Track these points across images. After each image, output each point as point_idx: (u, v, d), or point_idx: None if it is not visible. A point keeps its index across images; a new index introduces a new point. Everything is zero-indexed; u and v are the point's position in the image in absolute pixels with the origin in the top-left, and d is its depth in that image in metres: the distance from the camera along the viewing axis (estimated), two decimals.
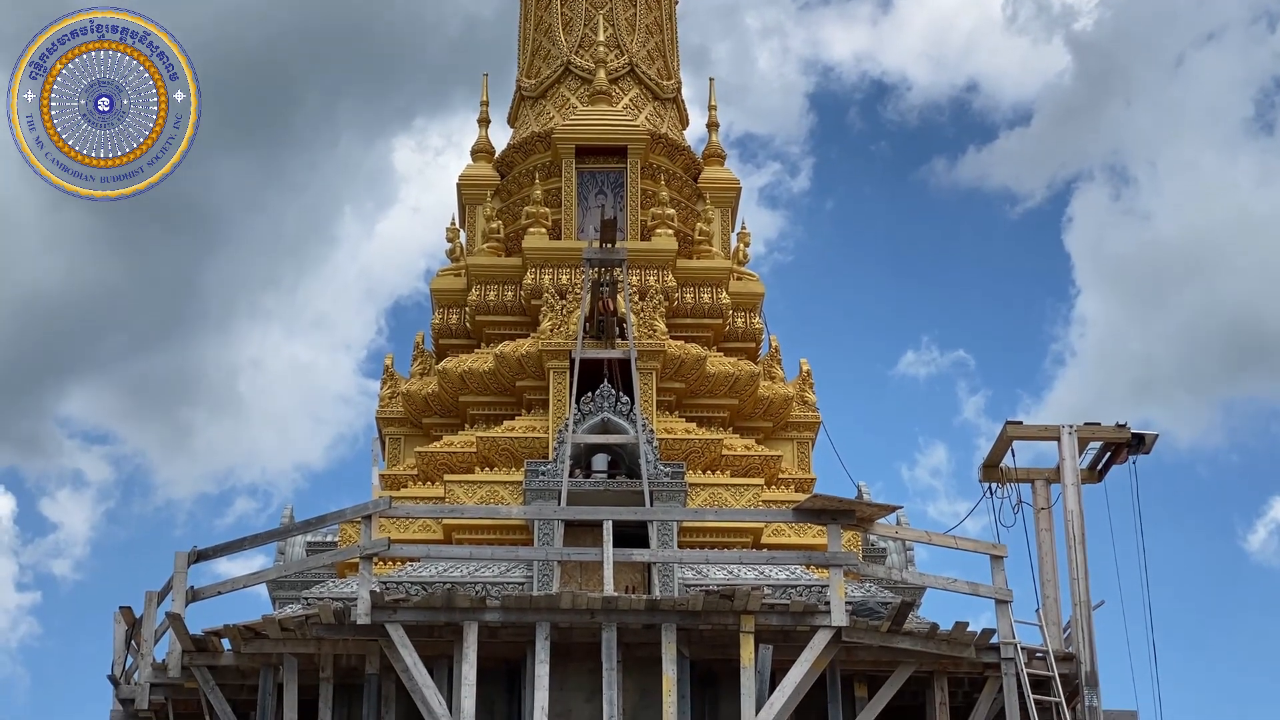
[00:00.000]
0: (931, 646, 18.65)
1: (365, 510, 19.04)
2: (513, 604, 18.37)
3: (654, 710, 18.37)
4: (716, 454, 22.63)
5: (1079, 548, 19.58)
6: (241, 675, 18.93)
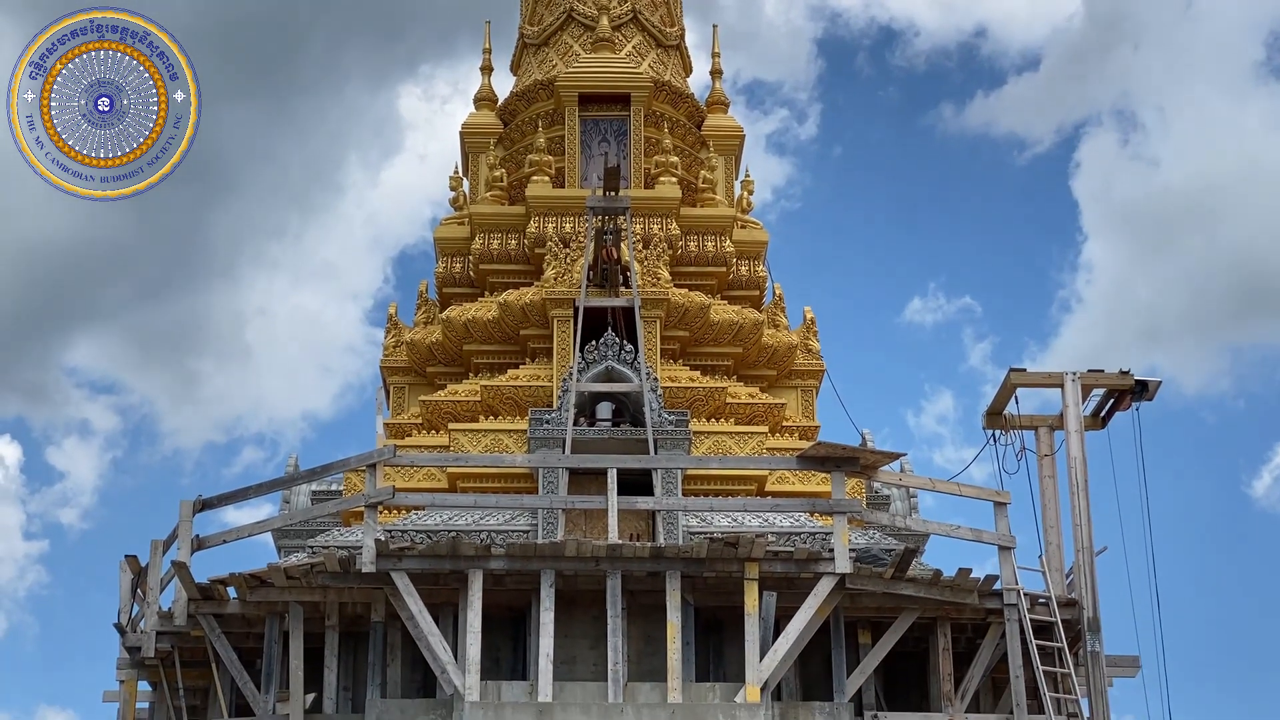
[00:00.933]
0: (935, 593, 18.70)
1: (370, 459, 19.08)
2: (517, 552, 18.42)
3: (658, 657, 18.45)
4: (720, 402, 22.64)
5: (1082, 494, 19.62)
6: (247, 623, 19.02)
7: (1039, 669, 18.42)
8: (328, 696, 18.59)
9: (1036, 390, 20.48)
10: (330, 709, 18.54)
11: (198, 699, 19.80)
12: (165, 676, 19.13)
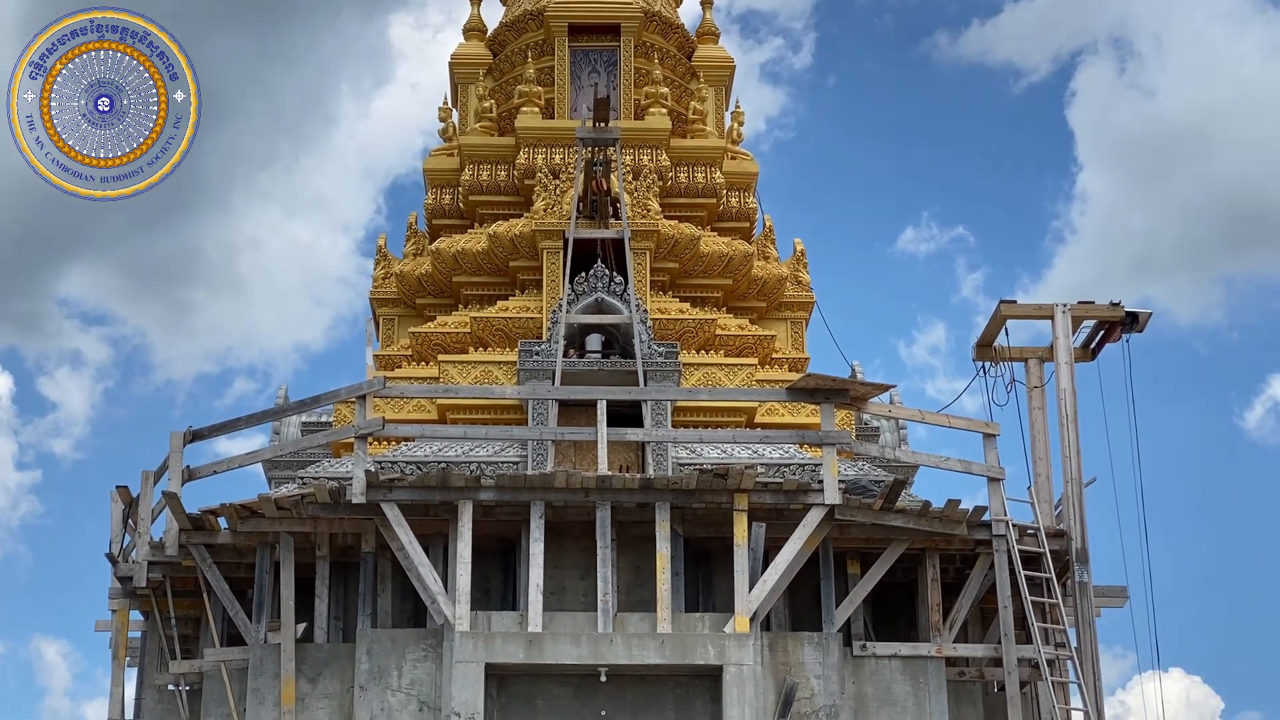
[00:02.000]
0: (924, 524, 18.77)
1: (360, 390, 19.08)
2: (507, 483, 18.45)
3: (648, 588, 18.52)
4: (710, 334, 22.64)
5: (1071, 426, 19.67)
6: (238, 554, 19.07)
7: (1027, 599, 18.52)
8: (318, 626, 18.66)
9: (1028, 322, 20.49)
10: (321, 638, 18.62)
11: (189, 628, 19.89)
12: (157, 606, 19.18)
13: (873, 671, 18.62)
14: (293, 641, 18.25)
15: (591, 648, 17.85)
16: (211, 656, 18.76)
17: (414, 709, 17.96)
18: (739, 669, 17.78)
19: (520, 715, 18.03)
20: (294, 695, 18.09)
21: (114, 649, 19.67)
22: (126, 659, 19.81)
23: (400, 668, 18.10)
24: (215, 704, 18.58)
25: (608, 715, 18.00)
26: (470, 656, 17.67)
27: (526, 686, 18.08)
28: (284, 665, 18.15)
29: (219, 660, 18.66)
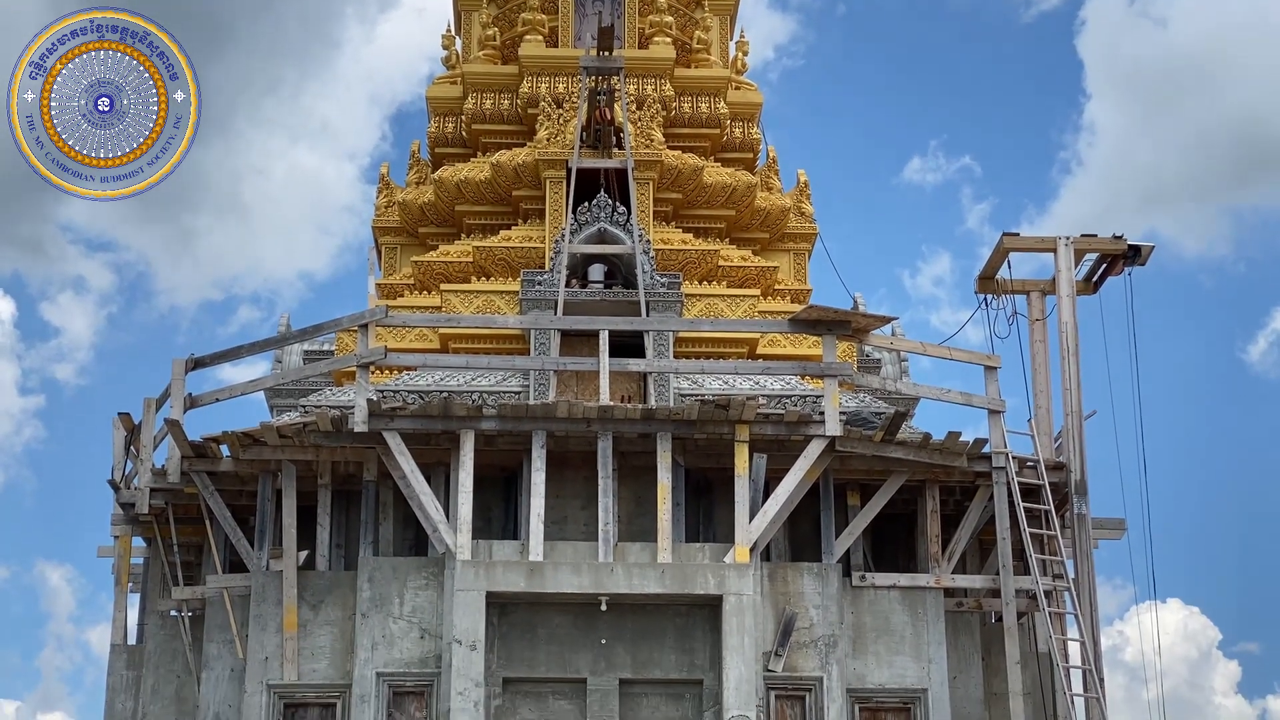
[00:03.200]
0: (924, 456, 18.82)
1: (362, 319, 19.08)
2: (509, 413, 18.49)
3: (649, 518, 18.59)
4: (713, 265, 22.61)
5: (1072, 358, 19.68)
6: (240, 481, 19.14)
7: (1025, 531, 18.60)
8: (320, 554, 18.76)
9: (1031, 254, 20.46)
10: (323, 566, 18.72)
11: (192, 555, 20.00)
12: (159, 533, 19.28)
13: (871, 602, 18.71)
14: (295, 569, 18.34)
15: (592, 577, 17.94)
16: (214, 583, 18.86)
17: (415, 636, 18.08)
18: (739, 599, 17.88)
19: (521, 643, 18.15)
20: (296, 622, 18.20)
21: (116, 575, 19.80)
22: (129, 585, 19.94)
23: (402, 595, 18.21)
24: (218, 630, 18.70)
25: (608, 644, 18.12)
26: (471, 585, 17.77)
27: (527, 615, 18.18)
28: (286, 592, 18.25)
29: (221, 587, 18.76)
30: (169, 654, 19.28)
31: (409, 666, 18.01)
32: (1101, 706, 18.19)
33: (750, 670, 17.72)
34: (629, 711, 18.14)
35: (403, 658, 18.02)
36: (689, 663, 18.21)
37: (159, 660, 19.30)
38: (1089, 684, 18.38)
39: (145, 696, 19.17)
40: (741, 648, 17.73)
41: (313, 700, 18.21)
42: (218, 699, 18.49)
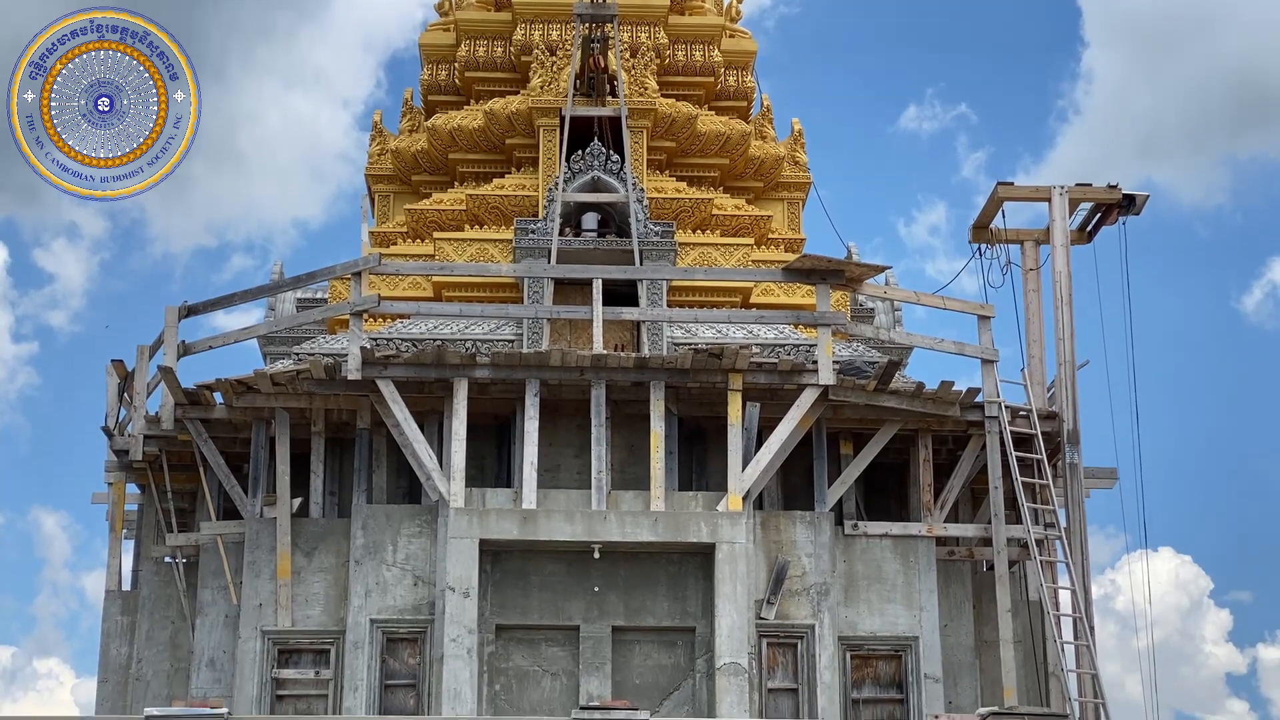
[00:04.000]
0: (917, 405, 18.85)
1: (355, 267, 19.06)
2: (503, 361, 18.50)
3: (642, 466, 18.63)
4: (706, 213, 22.58)
5: (1066, 308, 19.69)
6: (234, 429, 19.15)
7: (1018, 480, 18.65)
8: (314, 501, 18.79)
9: (1026, 204, 20.44)
10: (316, 513, 18.76)
11: (185, 502, 20.03)
12: (153, 480, 19.31)
13: (863, 550, 18.78)
14: (288, 516, 18.38)
15: (585, 525, 17.99)
16: (208, 530, 18.91)
17: (409, 583, 18.14)
18: (731, 547, 17.94)
19: (514, 591, 18.21)
20: (290, 569, 18.26)
21: (111, 521, 19.86)
22: (124, 531, 19.99)
23: (395, 543, 18.26)
24: (212, 576, 18.76)
25: (601, 591, 18.19)
26: (465, 532, 17.82)
27: (520, 563, 18.25)
28: (280, 539, 18.30)
29: (215, 534, 18.80)
30: (163, 600, 19.35)
31: (402, 613, 18.07)
32: (1092, 654, 18.29)
33: (742, 618, 17.80)
34: (621, 658, 18.22)
35: (396, 604, 18.08)
36: (681, 610, 18.29)
37: (153, 606, 19.36)
38: (1079, 632, 18.47)
39: (140, 642, 19.24)
40: (734, 595, 17.80)
41: (306, 646, 18.27)
42: (212, 644, 18.56)
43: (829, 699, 17.97)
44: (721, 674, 17.58)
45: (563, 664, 18.23)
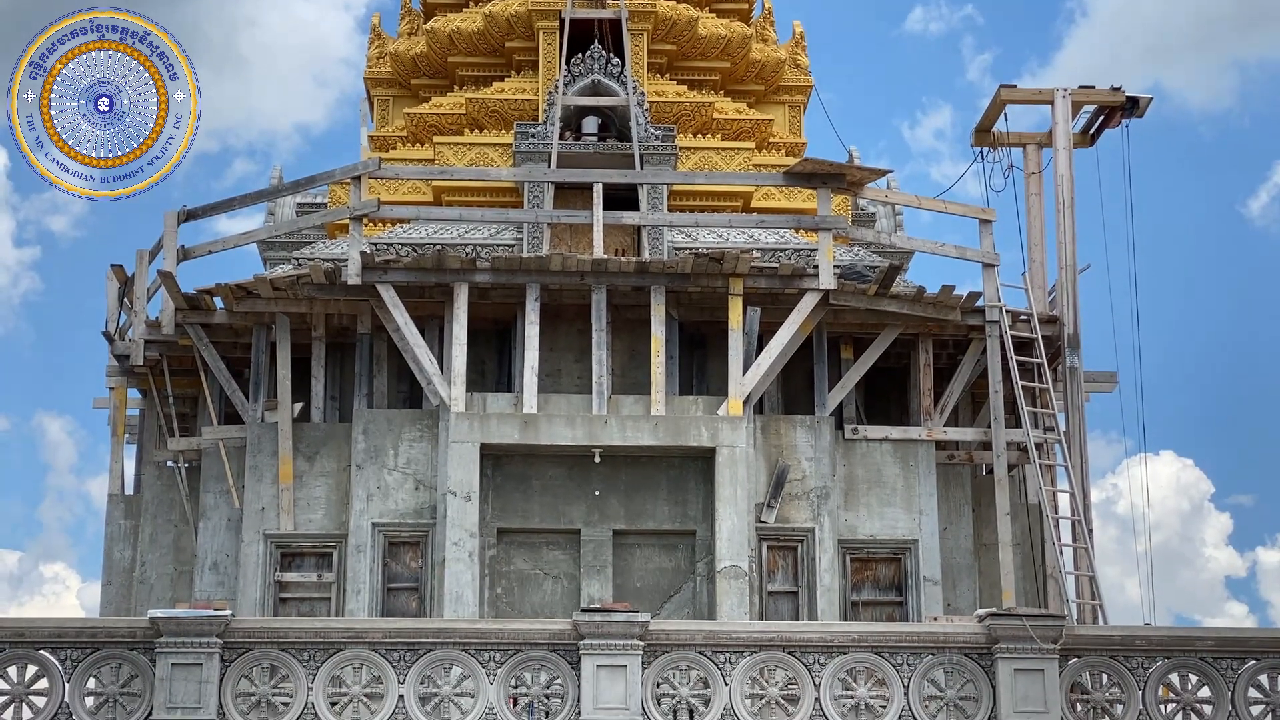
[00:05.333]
0: (917, 309, 18.83)
1: (354, 171, 18.98)
2: (503, 265, 18.47)
3: (642, 371, 18.65)
4: (707, 117, 22.43)
5: (1067, 211, 19.62)
6: (235, 334, 19.16)
7: (1018, 384, 18.67)
8: (315, 406, 18.83)
9: (1030, 107, 20.32)
10: (317, 418, 18.81)
11: (187, 407, 20.07)
12: (154, 384, 19.33)
13: (863, 454, 18.83)
14: (290, 420, 18.42)
15: (586, 429, 18.03)
16: (209, 434, 18.96)
17: (410, 487, 18.21)
18: (731, 451, 17.99)
19: (515, 495, 18.29)
20: (291, 473, 18.32)
21: (112, 426, 19.90)
22: (126, 436, 20.04)
23: (396, 447, 18.31)
24: (214, 481, 18.83)
25: (601, 495, 18.27)
26: (466, 437, 17.87)
27: (521, 467, 18.31)
28: (281, 444, 18.35)
29: (217, 438, 18.86)
30: (166, 504, 19.44)
31: (404, 517, 18.16)
32: (1090, 556, 18.38)
33: (742, 521, 17.88)
34: (622, 562, 18.32)
35: (398, 509, 18.17)
36: (682, 514, 18.37)
37: (156, 510, 19.45)
38: (1078, 535, 18.55)
39: (143, 545, 19.36)
40: (734, 499, 17.87)
41: (309, 550, 18.38)
42: (215, 548, 18.66)
43: (828, 601, 18.08)
44: (722, 577, 17.69)
45: (564, 567, 18.33)
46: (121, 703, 14.69)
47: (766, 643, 14.97)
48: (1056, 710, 14.80)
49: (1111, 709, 15.14)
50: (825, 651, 14.96)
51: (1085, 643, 15.22)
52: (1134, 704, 14.99)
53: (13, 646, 14.72)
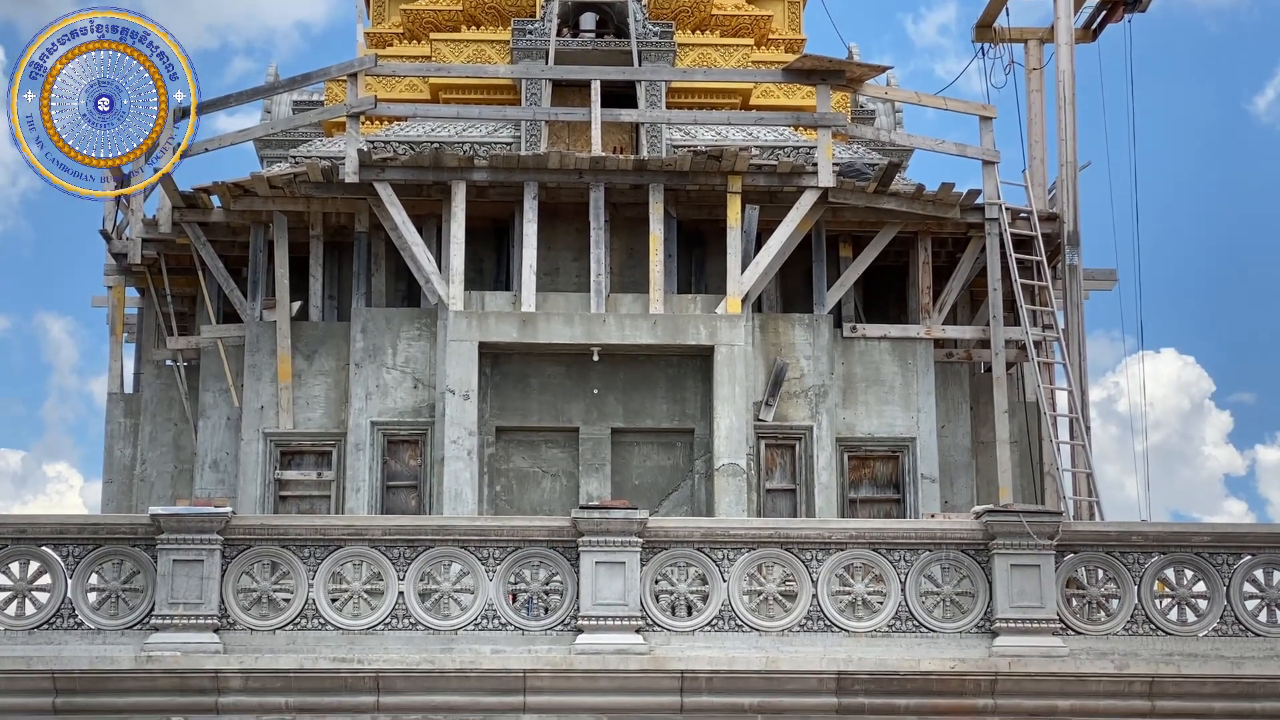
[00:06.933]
0: (917, 207, 18.77)
1: (350, 68, 18.86)
2: (501, 164, 18.40)
3: (641, 269, 18.62)
4: (706, 13, 22.22)
5: (1069, 108, 19.51)
6: (232, 232, 19.12)
7: (1017, 282, 18.64)
8: (313, 305, 18.83)
9: (1034, 3, 20.19)
10: (316, 317, 18.80)
11: (186, 305, 20.06)
12: (152, 283, 19.32)
13: (862, 352, 18.84)
14: (288, 319, 18.42)
15: (584, 327, 18.04)
16: (208, 333, 18.97)
17: (409, 386, 18.25)
18: (730, 349, 18.01)
19: (514, 393, 18.32)
20: (290, 372, 18.35)
21: (111, 325, 19.92)
22: (125, 335, 20.05)
23: (395, 346, 18.33)
24: (213, 379, 18.86)
25: (600, 394, 18.30)
26: (464, 335, 17.88)
27: (520, 365, 18.33)
28: (280, 342, 18.36)
29: (215, 337, 18.87)
30: (165, 402, 19.48)
31: (403, 416, 18.21)
32: (1087, 453, 18.44)
33: (741, 420, 17.92)
34: (621, 460, 18.39)
35: (397, 407, 18.21)
36: (680, 412, 18.41)
37: (156, 409, 19.50)
38: (1075, 432, 18.60)
39: (144, 444, 19.42)
40: (732, 397, 17.90)
41: (309, 448, 18.45)
42: (215, 446, 18.72)
43: (826, 499, 18.16)
44: (720, 475, 17.76)
45: (562, 465, 18.40)
46: (124, 598, 14.79)
47: (764, 539, 15.05)
48: (1052, 605, 14.91)
49: (1107, 604, 15.25)
50: (823, 548, 15.04)
51: (1081, 538, 15.30)
52: (1129, 599, 15.09)
53: (14, 543, 14.81)
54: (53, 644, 14.53)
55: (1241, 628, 15.12)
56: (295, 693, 14.42)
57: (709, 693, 14.58)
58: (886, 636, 14.91)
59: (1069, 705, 14.75)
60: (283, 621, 14.72)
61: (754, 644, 14.77)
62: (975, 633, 14.98)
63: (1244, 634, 15.10)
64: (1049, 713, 14.75)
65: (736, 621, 14.86)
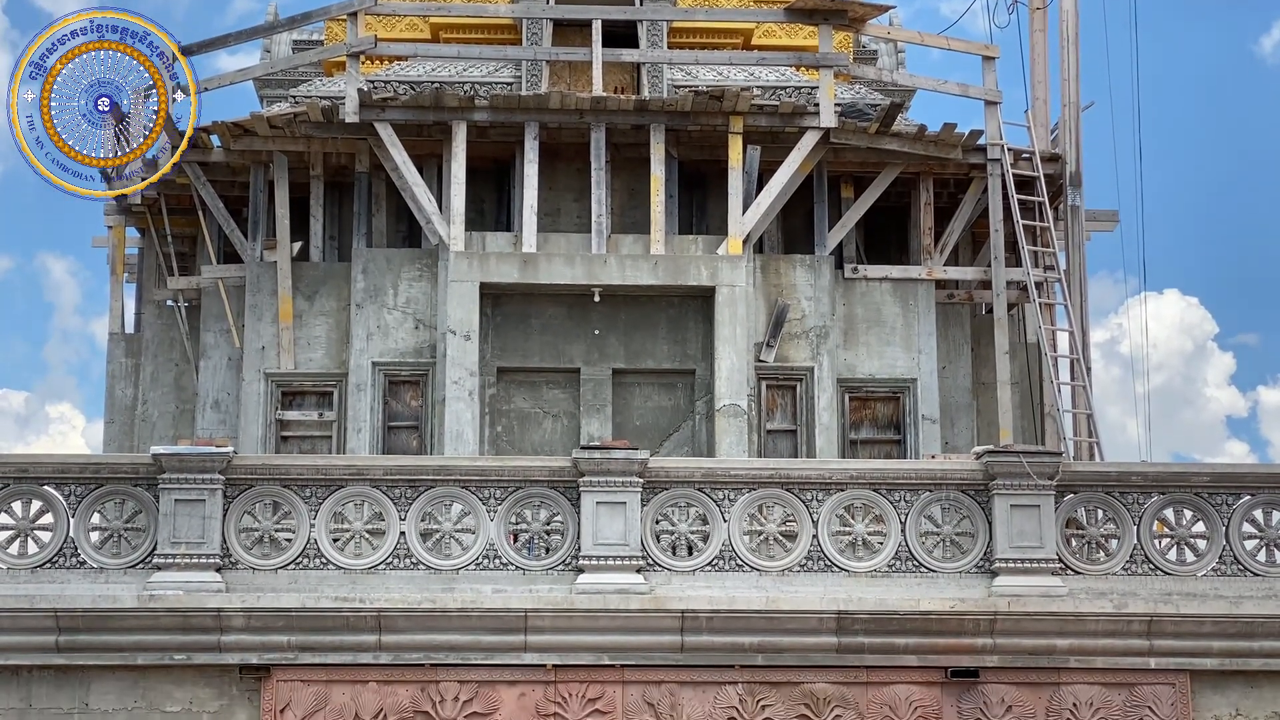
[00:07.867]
0: (919, 148, 18.71)
1: (350, 7, 18.76)
2: (502, 104, 18.33)
3: (642, 210, 18.58)
4: None
5: (1072, 48, 19.41)
6: (232, 173, 19.08)
7: (1019, 223, 18.61)
8: (314, 245, 18.80)
9: None
10: (317, 258, 18.79)
11: (186, 246, 20.05)
12: (152, 223, 19.31)
13: (863, 293, 18.84)
14: (289, 260, 18.41)
15: (585, 268, 18.02)
16: (209, 273, 18.96)
17: (410, 326, 18.25)
18: (731, 290, 17.99)
19: (514, 334, 18.32)
20: (291, 312, 18.35)
21: (111, 265, 19.91)
22: (125, 275, 20.05)
23: (396, 286, 18.32)
24: (214, 320, 18.87)
25: (601, 334, 18.30)
26: (465, 276, 17.86)
27: (521, 306, 18.33)
28: (281, 283, 18.35)
29: (216, 277, 18.86)
30: (166, 343, 19.51)
31: (404, 356, 18.23)
32: (1087, 394, 18.46)
33: (742, 360, 17.93)
34: (622, 400, 18.41)
35: (398, 347, 18.23)
36: (681, 353, 18.42)
37: (157, 349, 19.53)
38: (1076, 373, 18.61)
39: (145, 384, 19.46)
40: (733, 338, 17.91)
41: (310, 389, 18.47)
42: (216, 387, 18.75)
43: (827, 440, 18.19)
44: (721, 415, 17.78)
45: (563, 406, 18.42)
46: (126, 537, 14.84)
47: (765, 480, 15.09)
48: (1051, 545, 14.96)
49: (1106, 544, 15.30)
50: (823, 488, 15.07)
51: (1081, 478, 15.33)
52: (1128, 539, 15.14)
53: (16, 482, 14.85)
54: (55, 583, 14.59)
55: (1240, 567, 15.18)
56: (297, 631, 14.49)
57: (709, 632, 14.65)
58: (886, 576, 14.97)
59: (1068, 644, 14.82)
60: (284, 561, 14.78)
61: (754, 584, 14.83)
62: (975, 573, 15.04)
63: (1243, 574, 15.16)
64: (1048, 652, 14.83)
65: (737, 561, 14.92)
